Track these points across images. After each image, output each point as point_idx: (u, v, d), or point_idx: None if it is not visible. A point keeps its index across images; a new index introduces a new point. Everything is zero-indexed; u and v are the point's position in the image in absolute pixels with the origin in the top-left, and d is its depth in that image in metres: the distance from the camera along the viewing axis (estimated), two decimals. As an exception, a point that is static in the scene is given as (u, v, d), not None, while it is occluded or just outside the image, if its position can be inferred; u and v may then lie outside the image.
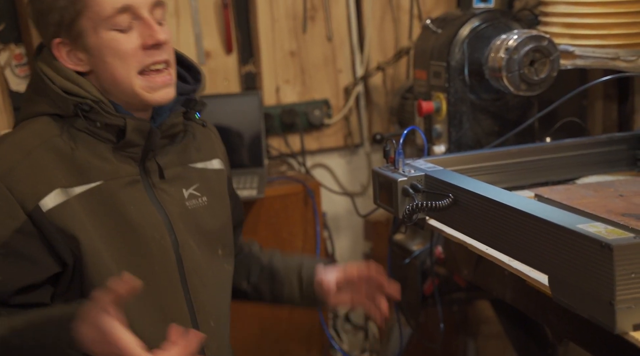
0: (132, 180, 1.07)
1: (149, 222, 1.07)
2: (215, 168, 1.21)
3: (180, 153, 1.15)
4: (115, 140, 1.06)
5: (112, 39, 1.02)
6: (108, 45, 1.03)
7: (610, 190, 1.20)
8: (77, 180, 1.03)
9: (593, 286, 0.81)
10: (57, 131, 1.04)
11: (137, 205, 1.06)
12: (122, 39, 1.03)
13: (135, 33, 1.04)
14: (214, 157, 1.22)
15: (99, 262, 1.02)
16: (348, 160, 2.38)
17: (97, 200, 1.04)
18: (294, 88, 2.25)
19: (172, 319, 1.08)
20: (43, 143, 1.03)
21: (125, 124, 1.04)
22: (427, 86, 1.65)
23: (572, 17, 1.50)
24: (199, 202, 1.15)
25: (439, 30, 1.63)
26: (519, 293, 1.25)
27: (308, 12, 2.21)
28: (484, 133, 1.60)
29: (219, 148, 1.25)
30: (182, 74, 1.17)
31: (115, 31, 1.03)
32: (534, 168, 1.34)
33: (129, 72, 1.03)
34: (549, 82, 1.49)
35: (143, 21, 1.04)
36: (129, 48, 1.03)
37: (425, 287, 1.76)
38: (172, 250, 1.09)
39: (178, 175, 1.13)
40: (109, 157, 1.06)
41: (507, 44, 1.47)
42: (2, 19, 1.95)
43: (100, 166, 1.05)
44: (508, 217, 0.95)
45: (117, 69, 1.03)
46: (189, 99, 1.14)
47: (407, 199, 1.14)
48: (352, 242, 2.40)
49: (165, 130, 1.10)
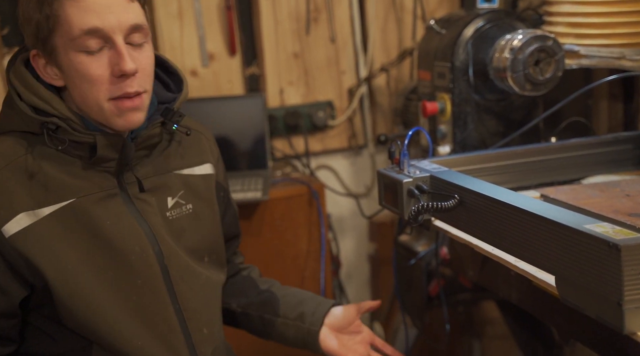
0: (107, 194, 1.04)
1: (128, 235, 1.04)
2: (202, 174, 1.17)
3: (162, 162, 1.12)
4: (88, 156, 1.03)
5: (80, 62, 0.97)
6: (76, 68, 0.98)
7: (616, 190, 1.19)
8: (46, 200, 1.00)
9: (601, 286, 0.81)
10: (24, 151, 1.01)
11: (114, 219, 1.04)
12: (91, 64, 0.97)
13: (104, 57, 0.98)
14: (202, 162, 1.18)
15: (72, 282, 1.00)
16: (352, 162, 2.38)
17: (70, 218, 1.01)
18: (298, 90, 2.24)
19: (161, 330, 1.07)
20: (8, 165, 1.00)
21: (95, 141, 1.01)
22: (432, 87, 1.65)
23: (577, 16, 1.49)
24: (183, 210, 1.12)
25: (443, 30, 1.63)
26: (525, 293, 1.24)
27: (311, 13, 2.21)
28: (488, 134, 1.60)
29: (211, 152, 1.21)
30: (165, 81, 1.14)
31: (84, 53, 0.97)
32: (539, 169, 1.33)
33: (98, 97, 0.99)
34: (554, 82, 1.49)
35: (114, 46, 0.98)
36: (97, 74, 0.98)
37: (430, 288, 1.76)
38: (155, 261, 1.07)
39: (161, 184, 1.11)
40: (81, 174, 1.03)
41: (512, 44, 1.46)
42: (6, 23, 1.95)
43: (71, 183, 1.02)
44: (514, 217, 0.95)
45: (86, 92, 0.99)
46: (168, 109, 1.09)
47: (412, 200, 1.13)
48: (356, 243, 2.40)
49: (142, 142, 1.07)
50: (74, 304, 1.01)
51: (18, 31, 1.95)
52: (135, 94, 1.00)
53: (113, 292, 1.03)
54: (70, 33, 0.97)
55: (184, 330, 1.10)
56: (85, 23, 0.96)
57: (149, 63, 1.03)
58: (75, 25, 0.96)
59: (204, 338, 1.12)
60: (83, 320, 1.02)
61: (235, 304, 1.27)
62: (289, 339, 1.24)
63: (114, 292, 1.03)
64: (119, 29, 0.98)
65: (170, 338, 1.08)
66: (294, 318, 1.23)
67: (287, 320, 1.23)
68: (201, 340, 1.12)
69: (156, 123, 1.08)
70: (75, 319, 1.02)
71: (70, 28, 0.97)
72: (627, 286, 0.78)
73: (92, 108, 1.01)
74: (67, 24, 0.97)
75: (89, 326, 1.02)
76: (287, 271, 2.01)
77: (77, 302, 1.01)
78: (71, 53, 0.98)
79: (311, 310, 1.23)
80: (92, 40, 0.97)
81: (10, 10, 1.95)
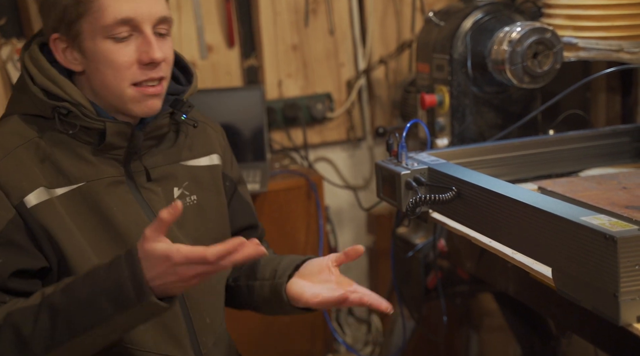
0: (115, 180, 1.06)
1: (134, 221, 1.05)
2: (208, 165, 1.18)
3: (170, 152, 1.13)
4: (97, 142, 1.04)
5: (107, 49, 1.01)
6: (103, 54, 1.01)
7: (613, 183, 1.19)
8: (59, 181, 1.02)
9: (597, 278, 0.81)
10: (36, 133, 1.03)
11: (121, 205, 1.05)
12: (118, 50, 1.01)
13: (132, 45, 1.02)
14: (208, 152, 1.19)
15: (86, 261, 1.01)
16: (351, 154, 2.38)
17: (80, 201, 1.02)
18: (296, 82, 2.24)
19: (163, 317, 1.06)
20: (24, 143, 1.02)
21: (105, 128, 1.03)
22: (430, 79, 1.65)
23: (576, 9, 1.49)
24: (188, 201, 1.13)
25: (442, 23, 1.62)
26: (522, 285, 1.25)
27: (310, 5, 2.21)
28: (487, 126, 1.60)
29: (219, 144, 1.22)
30: (176, 74, 1.15)
31: (112, 40, 1.01)
32: (537, 161, 1.34)
33: (121, 83, 1.02)
34: (552, 75, 1.49)
35: (143, 35, 1.02)
36: (124, 61, 1.01)
37: (428, 280, 1.76)
38: None
39: (167, 174, 1.12)
40: (90, 159, 1.04)
41: (510, 36, 1.46)
42: (3, 14, 1.95)
43: (81, 168, 1.03)
44: (511, 209, 0.95)
45: (109, 78, 1.02)
46: (177, 100, 1.11)
47: (410, 192, 1.13)
48: (355, 235, 2.40)
49: (150, 131, 1.08)
50: None
51: (16, 22, 1.95)
52: (159, 79, 1.04)
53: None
54: (102, 20, 0.99)
55: (186, 318, 1.10)
56: (120, 12, 0.99)
57: (171, 53, 1.08)
58: (110, 14, 0.99)
59: (206, 327, 1.13)
60: None
61: (231, 279, 1.25)
62: (266, 299, 1.18)
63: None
64: (149, 20, 1.02)
65: (172, 325, 1.08)
66: (268, 277, 1.18)
67: (264, 281, 1.19)
68: (203, 328, 1.12)
69: (165, 113, 1.09)
70: None
71: (102, 15, 0.99)
72: (623, 278, 0.79)
73: (113, 93, 1.03)
74: (101, 11, 0.99)
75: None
76: (286, 263, 2.01)
77: None
78: (98, 39, 1.01)
79: (284, 267, 1.16)
80: (122, 28, 1.00)
81: (8, 2, 1.94)
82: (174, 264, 0.89)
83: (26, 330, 0.91)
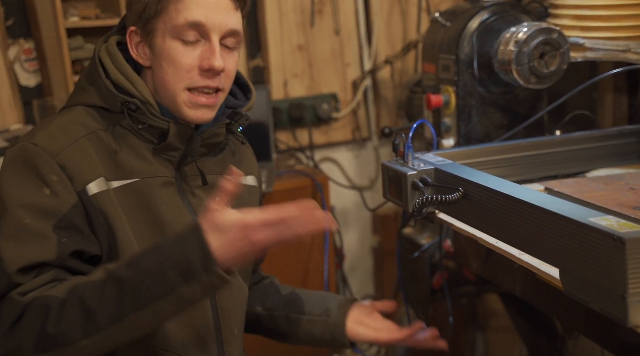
0: (167, 181, 1.08)
1: (178, 222, 1.07)
2: (250, 185, 1.22)
3: (220, 164, 1.15)
4: (157, 141, 1.07)
5: (174, 48, 1.03)
6: (168, 52, 1.03)
7: (621, 183, 1.19)
8: (116, 174, 1.04)
9: (605, 279, 0.81)
10: (102, 126, 1.05)
11: (170, 205, 1.07)
12: (183, 52, 1.03)
13: (197, 50, 1.04)
14: (250, 173, 1.23)
15: (131, 251, 1.02)
16: (356, 154, 2.38)
17: (133, 195, 1.05)
18: (302, 82, 2.24)
19: (195, 322, 1.08)
20: (89, 134, 1.04)
21: (168, 128, 1.05)
22: (436, 79, 1.65)
23: (583, 9, 1.49)
24: None
25: (448, 23, 1.62)
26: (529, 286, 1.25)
27: (316, 5, 2.21)
28: (493, 127, 1.60)
29: (254, 167, 1.26)
30: (234, 90, 1.18)
31: (180, 41, 1.03)
32: (543, 162, 1.33)
33: (178, 84, 1.04)
34: (559, 75, 1.48)
35: (209, 43, 1.03)
36: (186, 63, 1.03)
37: (434, 281, 1.76)
38: None
39: (216, 183, 1.11)
40: (148, 157, 1.06)
41: (517, 36, 1.46)
42: (11, 14, 1.95)
43: (138, 164, 1.06)
44: (518, 210, 0.95)
45: (169, 77, 1.04)
46: (235, 112, 1.14)
47: (416, 193, 1.13)
48: (360, 235, 2.40)
49: (207, 138, 1.10)
50: None
51: (23, 23, 1.96)
52: (215, 89, 1.05)
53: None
54: (174, 20, 1.02)
55: (216, 326, 1.11)
56: (192, 15, 1.02)
57: (234, 67, 1.09)
58: (182, 15, 1.02)
59: (233, 339, 1.14)
60: None
61: (260, 307, 1.28)
62: (315, 336, 1.24)
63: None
64: (219, 29, 1.04)
65: (203, 332, 1.09)
66: (319, 314, 1.24)
67: (313, 316, 1.24)
68: (230, 340, 1.13)
69: (222, 123, 1.11)
70: None
71: (176, 15, 1.02)
72: (632, 279, 0.78)
73: (168, 93, 1.05)
74: (175, 11, 1.02)
75: None
76: (291, 263, 2.01)
77: None
78: (168, 38, 1.03)
79: (336, 306, 1.25)
80: (191, 32, 1.03)
81: (15, 2, 1.95)
82: (248, 227, 0.89)
83: (92, 301, 0.90)
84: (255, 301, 1.28)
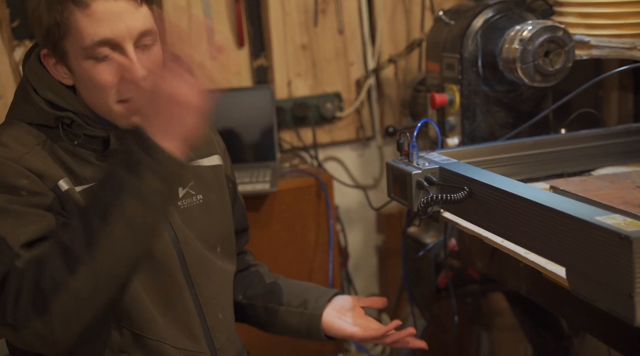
0: None
1: None
2: (212, 165, 1.19)
3: None
4: (101, 149, 1.06)
5: (89, 69, 1.00)
6: (86, 74, 1.00)
7: (627, 182, 1.18)
8: (74, 181, 1.03)
9: (612, 278, 0.81)
10: (43, 140, 1.03)
11: None
12: (100, 70, 0.99)
13: (115, 64, 1.00)
14: (211, 153, 1.20)
15: None
16: (360, 153, 2.38)
17: None
18: (306, 81, 2.24)
19: (179, 312, 1.09)
20: (40, 143, 1.03)
21: (108, 135, 1.04)
22: (440, 78, 1.64)
23: (588, 6, 1.48)
24: (194, 200, 1.14)
25: (452, 21, 1.62)
26: (534, 285, 1.24)
27: (319, 5, 2.21)
28: (497, 125, 1.59)
29: (218, 145, 1.23)
30: None
31: (93, 60, 0.99)
32: (549, 160, 1.33)
33: (107, 100, 1.02)
34: (564, 73, 1.48)
35: (125, 53, 0.99)
36: (107, 80, 1.00)
37: (439, 280, 1.76)
38: (172, 245, 1.09)
39: None
40: (96, 164, 1.05)
41: (522, 34, 1.45)
42: (17, 16, 1.96)
43: (89, 171, 1.04)
44: (524, 209, 0.95)
45: (95, 96, 1.02)
46: None
47: (421, 192, 1.13)
48: (364, 234, 2.40)
49: None
50: None
51: (28, 24, 1.96)
52: None
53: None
54: (81, 42, 0.98)
55: (199, 314, 1.12)
56: (97, 34, 0.97)
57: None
58: (87, 36, 0.98)
59: (219, 323, 1.14)
60: None
61: (241, 296, 1.28)
62: (292, 327, 1.24)
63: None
64: (129, 37, 0.99)
65: (188, 320, 1.10)
66: (297, 306, 1.23)
67: (290, 308, 1.23)
68: (216, 324, 1.14)
69: None
70: None
71: (81, 38, 0.98)
72: (639, 278, 0.78)
73: (101, 109, 1.04)
74: (78, 33, 0.98)
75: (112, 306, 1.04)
76: (296, 262, 2.01)
77: None
78: (80, 59, 1.00)
79: (314, 297, 1.23)
80: (102, 49, 0.99)
81: (20, 3, 1.95)
82: (154, 85, 0.89)
83: (65, 238, 0.90)
84: (238, 289, 1.28)
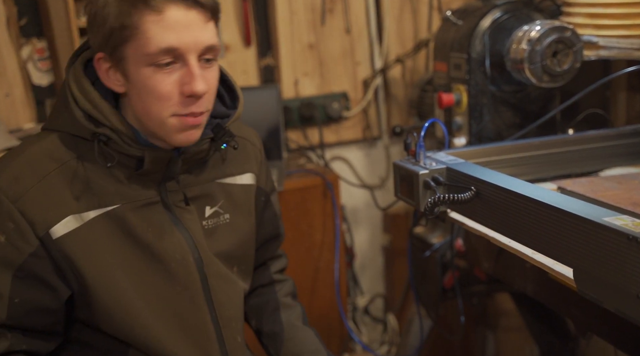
0: (150, 202, 1.04)
1: (168, 242, 1.05)
2: (244, 184, 1.17)
3: (205, 171, 1.11)
4: (134, 167, 1.03)
5: (149, 77, 0.96)
6: (145, 82, 0.97)
7: (634, 182, 1.18)
8: (92, 204, 1.00)
9: (620, 279, 0.81)
10: (75, 154, 1.01)
11: (155, 226, 1.04)
12: (161, 79, 0.97)
13: (176, 75, 0.97)
14: (244, 171, 1.17)
15: (113, 287, 1.01)
16: (367, 153, 2.38)
17: (113, 223, 1.01)
18: (313, 81, 2.24)
19: (197, 337, 1.07)
20: (58, 168, 1.00)
21: (143, 155, 1.01)
22: (448, 78, 1.64)
23: (596, 7, 1.48)
24: (221, 220, 1.12)
25: (460, 21, 1.62)
26: (541, 286, 1.24)
27: (326, 4, 2.21)
28: (505, 126, 1.59)
29: (255, 160, 1.20)
30: (221, 93, 1.12)
31: (155, 67, 0.96)
32: (556, 161, 1.32)
33: (163, 112, 0.98)
34: (572, 74, 1.47)
35: (187, 66, 0.97)
36: (166, 91, 0.97)
37: (445, 280, 1.76)
38: (195, 268, 1.07)
39: (202, 193, 1.10)
40: (126, 182, 1.03)
41: (530, 35, 1.45)
42: (24, 14, 1.97)
43: (116, 190, 1.02)
44: (531, 209, 0.95)
45: (150, 107, 0.98)
46: (219, 126, 1.08)
47: (428, 192, 1.13)
48: (371, 234, 2.40)
49: (189, 157, 1.06)
50: (112, 308, 1.02)
51: (36, 22, 1.97)
52: (199, 114, 1.00)
53: (152, 298, 1.04)
54: (145, 48, 0.95)
55: (219, 338, 1.10)
56: (164, 41, 0.95)
57: (215, 81, 1.03)
58: (153, 42, 0.95)
59: (237, 347, 1.13)
60: (121, 324, 1.03)
61: (253, 321, 1.27)
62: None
63: (153, 298, 1.04)
64: (195, 49, 0.97)
65: (206, 346, 1.09)
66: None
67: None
68: (235, 348, 1.12)
69: (206, 139, 1.06)
70: (113, 323, 1.03)
71: (147, 43, 0.95)
72: (646, 279, 0.78)
73: (154, 121, 1.00)
74: (145, 38, 0.95)
75: (127, 331, 1.03)
76: (302, 262, 2.01)
77: (116, 307, 1.02)
78: (141, 65, 0.97)
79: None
80: (165, 56, 0.96)
81: (28, 2, 1.96)
82: None
83: None
84: (252, 314, 1.26)
